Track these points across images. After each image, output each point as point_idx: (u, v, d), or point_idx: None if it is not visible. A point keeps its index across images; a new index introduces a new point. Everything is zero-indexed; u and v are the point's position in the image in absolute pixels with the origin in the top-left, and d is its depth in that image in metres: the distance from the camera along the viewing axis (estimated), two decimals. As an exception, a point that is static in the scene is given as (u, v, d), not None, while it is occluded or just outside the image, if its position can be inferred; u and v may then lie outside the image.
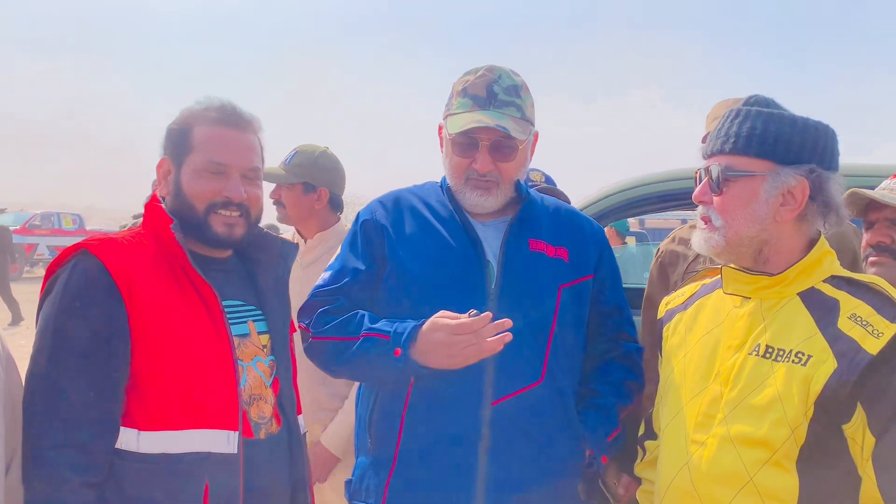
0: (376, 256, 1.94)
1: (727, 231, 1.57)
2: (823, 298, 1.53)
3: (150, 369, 1.57)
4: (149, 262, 1.62)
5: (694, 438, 1.58)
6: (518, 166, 1.94)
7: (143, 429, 1.56)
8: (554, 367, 1.88)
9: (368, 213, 2.02)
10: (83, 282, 1.55)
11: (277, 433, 1.77)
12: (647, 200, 3.04)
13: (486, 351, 1.71)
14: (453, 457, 1.82)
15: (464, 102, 1.91)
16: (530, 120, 1.94)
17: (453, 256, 1.89)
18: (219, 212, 1.69)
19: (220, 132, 1.70)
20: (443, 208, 1.97)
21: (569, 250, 1.96)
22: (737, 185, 1.56)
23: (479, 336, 1.70)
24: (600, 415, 1.93)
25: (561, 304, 1.90)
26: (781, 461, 1.46)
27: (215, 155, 1.68)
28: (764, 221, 1.55)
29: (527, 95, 1.95)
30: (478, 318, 1.71)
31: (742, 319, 1.59)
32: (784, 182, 1.54)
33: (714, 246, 1.59)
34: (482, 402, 1.81)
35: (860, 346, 1.42)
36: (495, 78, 1.91)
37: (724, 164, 1.57)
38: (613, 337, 2.03)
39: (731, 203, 1.56)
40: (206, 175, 1.68)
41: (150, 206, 1.73)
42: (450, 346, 1.72)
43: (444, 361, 1.74)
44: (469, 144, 1.89)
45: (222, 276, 1.73)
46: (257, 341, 1.77)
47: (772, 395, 1.47)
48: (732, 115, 1.59)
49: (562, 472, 1.89)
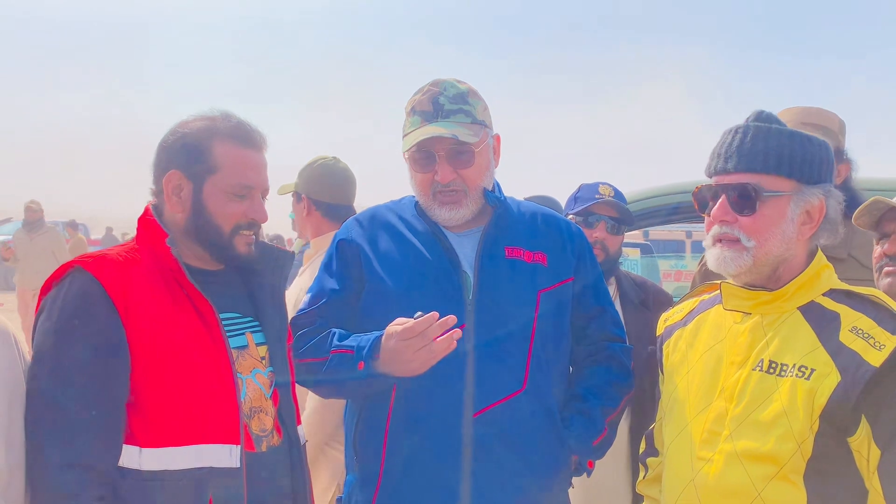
0: (353, 275, 1.95)
1: (758, 251, 1.54)
2: (824, 312, 1.53)
3: (150, 385, 1.56)
4: (144, 277, 1.61)
5: (700, 455, 1.57)
6: (480, 171, 1.94)
7: (144, 446, 1.54)
8: (536, 375, 1.88)
9: (345, 232, 2.03)
10: (79, 299, 1.54)
11: (279, 445, 1.76)
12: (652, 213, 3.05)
13: (437, 352, 1.69)
14: (438, 470, 1.82)
15: (413, 120, 1.94)
16: (483, 123, 1.95)
17: (429, 269, 1.90)
18: (242, 232, 1.69)
19: (244, 153, 1.69)
20: (418, 222, 1.98)
21: (547, 254, 1.96)
22: (769, 204, 1.54)
23: (426, 337, 1.68)
24: (584, 419, 1.93)
25: (541, 309, 1.91)
26: (789, 476, 1.46)
27: (244, 178, 1.68)
28: (790, 241, 1.55)
29: (475, 100, 1.96)
30: (421, 320, 1.69)
31: (744, 335, 1.59)
32: (807, 201, 1.55)
33: (741, 265, 1.55)
34: (464, 414, 1.81)
35: (863, 359, 1.42)
36: (440, 90, 1.93)
37: (755, 182, 1.54)
38: (598, 339, 2.03)
39: (764, 223, 1.54)
40: (234, 198, 1.67)
41: (143, 221, 1.71)
42: (402, 352, 1.71)
43: (404, 368, 1.73)
44: (426, 159, 1.91)
45: (218, 289, 1.72)
46: (256, 353, 1.76)
47: (777, 410, 1.48)
48: (749, 132, 1.56)
49: (548, 479, 1.90)
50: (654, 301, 2.65)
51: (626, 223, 2.61)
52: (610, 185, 2.64)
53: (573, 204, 2.64)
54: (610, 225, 2.56)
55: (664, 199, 3.07)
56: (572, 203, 2.65)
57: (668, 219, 3.30)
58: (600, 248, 2.52)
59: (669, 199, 3.06)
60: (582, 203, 2.59)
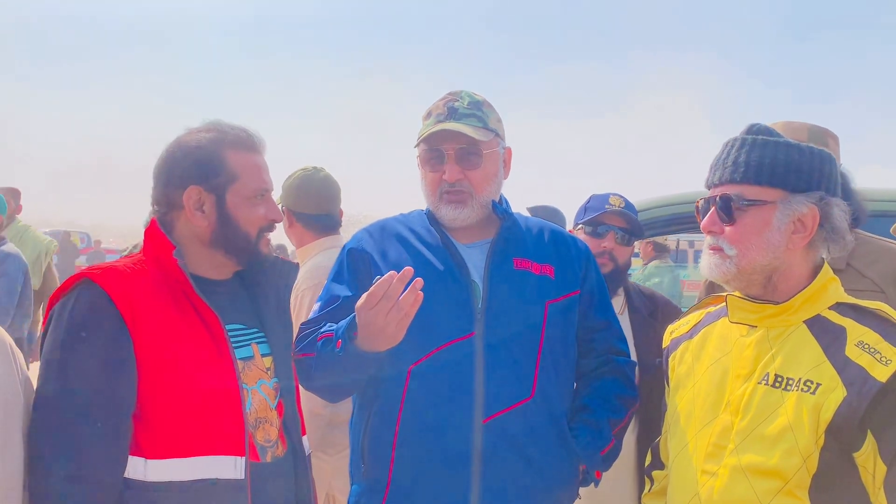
0: (362, 283, 1.95)
1: (740, 260, 1.56)
2: (830, 326, 1.53)
3: (156, 397, 1.56)
4: (151, 289, 1.62)
5: (705, 469, 1.56)
6: (487, 175, 1.97)
7: (150, 457, 1.54)
8: (544, 383, 1.89)
9: (355, 242, 2.05)
10: (87, 311, 1.55)
11: (283, 455, 1.76)
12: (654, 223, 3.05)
13: (404, 309, 1.66)
14: (446, 477, 1.82)
15: (428, 122, 1.99)
16: (495, 131, 1.99)
17: (439, 279, 1.90)
18: (265, 235, 1.75)
19: (255, 158, 1.74)
20: (428, 233, 2.00)
21: (554, 267, 1.99)
22: (749, 213, 1.56)
23: (390, 298, 1.66)
24: (592, 430, 1.93)
25: (548, 319, 1.92)
26: (794, 491, 1.45)
27: (261, 182, 1.73)
28: (777, 249, 1.55)
29: (489, 110, 2.00)
30: (380, 282, 1.68)
31: (749, 348, 1.58)
32: (796, 210, 1.54)
33: (724, 273, 1.59)
34: (473, 421, 1.82)
35: (869, 374, 1.41)
36: (456, 98, 1.99)
37: (735, 192, 1.57)
38: (603, 352, 2.04)
39: (743, 232, 1.56)
40: (256, 202, 1.72)
41: (150, 233, 1.72)
42: (374, 320, 1.68)
43: (382, 337, 1.70)
44: (436, 157, 1.95)
45: (224, 300, 1.73)
46: (261, 364, 1.77)
47: (783, 425, 1.47)
48: (738, 144, 1.60)
49: (556, 487, 1.89)
50: (662, 313, 2.63)
51: (635, 234, 2.60)
52: (620, 195, 2.63)
53: (583, 214, 2.63)
54: (619, 235, 2.55)
55: (667, 209, 3.06)
56: (582, 213, 2.65)
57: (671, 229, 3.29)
58: (608, 257, 2.52)
59: (672, 210, 3.06)
60: (592, 213, 2.58)
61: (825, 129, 2.57)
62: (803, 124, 2.55)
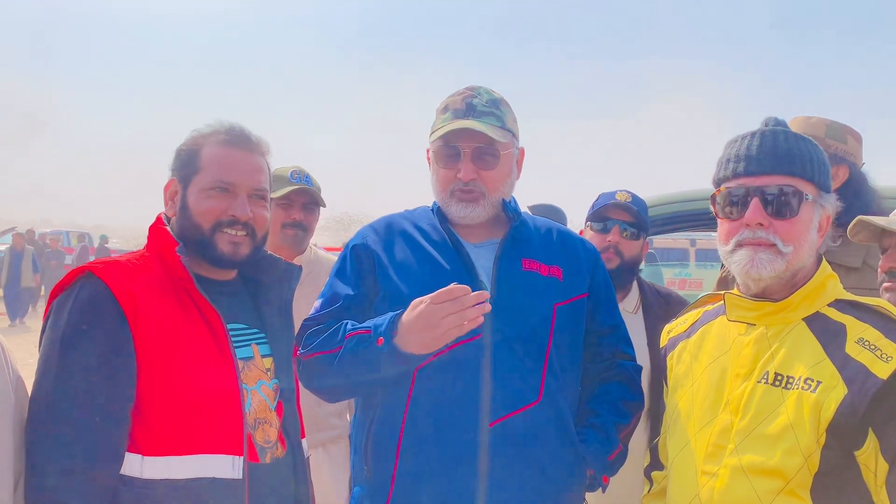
0: (366, 281, 1.94)
1: (793, 257, 1.51)
2: (830, 323, 1.51)
3: (155, 393, 1.55)
4: (153, 284, 1.62)
5: (705, 469, 1.55)
6: (501, 176, 1.95)
7: (146, 454, 1.53)
8: (552, 386, 1.87)
9: (359, 238, 2.03)
10: (88, 305, 1.54)
11: (282, 457, 1.75)
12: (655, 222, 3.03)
13: (466, 321, 1.66)
14: (452, 479, 1.80)
15: (444, 118, 1.96)
16: (511, 131, 1.97)
17: (446, 278, 1.87)
18: (225, 230, 1.69)
19: (229, 152, 1.72)
20: (434, 231, 1.98)
21: (563, 269, 1.97)
22: (805, 209, 1.51)
23: (459, 304, 1.66)
24: (600, 434, 1.91)
25: (556, 322, 1.90)
26: (795, 490, 1.43)
27: (222, 174, 1.69)
28: (814, 248, 1.53)
29: (507, 109, 1.98)
30: (460, 286, 1.68)
31: (748, 347, 1.57)
32: (824, 209, 1.53)
33: (775, 269, 1.50)
34: (480, 423, 1.79)
35: (869, 371, 1.40)
36: (474, 94, 1.96)
37: (794, 186, 1.50)
38: (610, 356, 2.02)
39: (800, 228, 1.50)
40: (214, 194, 1.69)
41: (154, 229, 1.73)
42: (431, 315, 1.67)
43: (425, 337, 1.69)
44: (451, 155, 1.93)
45: (227, 300, 1.72)
46: (261, 364, 1.76)
47: (783, 424, 1.46)
48: (777, 136, 1.52)
49: (563, 491, 1.87)
50: (677, 312, 2.62)
51: (641, 228, 2.57)
52: (629, 191, 2.61)
53: (591, 210, 2.61)
54: (624, 229, 2.52)
55: (668, 207, 3.05)
56: (591, 210, 2.62)
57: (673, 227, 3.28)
58: (614, 251, 2.49)
59: (674, 208, 3.05)
60: (597, 207, 2.57)
61: (845, 125, 2.50)
62: (821, 120, 2.50)
